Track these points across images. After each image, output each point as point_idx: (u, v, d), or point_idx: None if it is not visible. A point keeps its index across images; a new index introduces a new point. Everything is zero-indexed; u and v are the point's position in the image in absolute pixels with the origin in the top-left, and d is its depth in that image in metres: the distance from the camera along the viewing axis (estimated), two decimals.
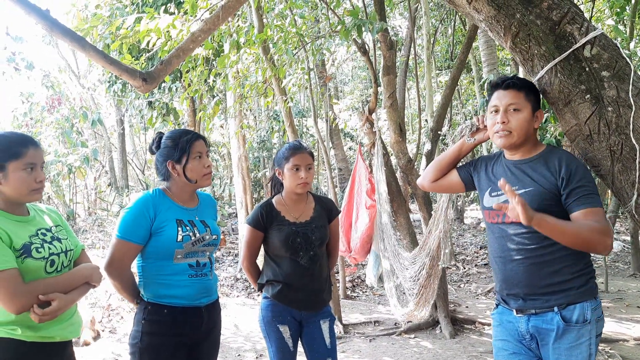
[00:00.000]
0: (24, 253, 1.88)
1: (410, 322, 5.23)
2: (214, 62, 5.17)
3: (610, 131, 2.11)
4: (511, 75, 2.30)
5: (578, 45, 2.14)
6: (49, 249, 1.96)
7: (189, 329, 2.29)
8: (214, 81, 5.43)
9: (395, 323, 5.59)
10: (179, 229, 2.27)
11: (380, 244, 5.06)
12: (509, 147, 2.17)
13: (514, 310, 2.16)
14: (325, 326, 2.73)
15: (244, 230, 2.80)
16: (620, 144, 2.09)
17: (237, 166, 7.81)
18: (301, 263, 2.64)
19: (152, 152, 2.43)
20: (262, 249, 2.80)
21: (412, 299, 4.26)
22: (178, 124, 10.40)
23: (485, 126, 2.33)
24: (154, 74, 3.18)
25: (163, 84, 8.76)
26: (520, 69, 3.37)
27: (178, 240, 2.25)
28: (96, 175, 15.26)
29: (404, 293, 4.56)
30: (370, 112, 5.38)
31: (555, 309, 2.05)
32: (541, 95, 2.26)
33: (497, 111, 2.15)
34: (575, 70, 2.16)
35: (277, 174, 2.74)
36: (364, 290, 7.25)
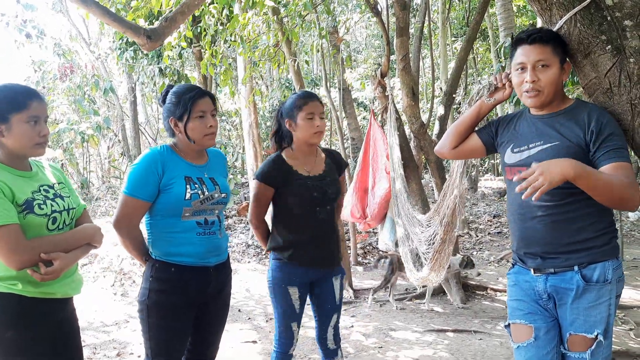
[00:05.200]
0: (26, 209, 1.84)
1: (425, 286, 5.21)
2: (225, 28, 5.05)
3: (631, 84, 1.99)
4: (536, 28, 2.15)
5: None
6: (52, 206, 1.92)
7: (196, 288, 2.25)
8: (224, 45, 5.31)
9: (406, 289, 5.58)
10: (188, 186, 2.21)
11: (395, 209, 5.01)
12: (540, 106, 2.06)
13: (532, 270, 2.07)
14: (337, 283, 2.68)
15: (252, 186, 2.70)
16: None
17: (248, 133, 7.75)
18: (319, 218, 2.56)
19: (161, 106, 2.38)
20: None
21: (427, 264, 4.21)
22: None
23: (504, 85, 2.22)
24: (158, 31, 3.11)
25: (174, 50, 8.66)
26: (538, 20, 3.23)
27: (186, 198, 2.19)
28: (109, 144, 15.29)
29: (418, 257, 4.51)
30: (383, 75, 5.27)
31: (576, 267, 1.96)
32: None
33: (523, 68, 2.01)
34: (596, 20, 2.04)
35: (287, 126, 2.59)
36: (375, 257, 7.23)
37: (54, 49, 12.82)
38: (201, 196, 2.23)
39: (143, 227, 2.30)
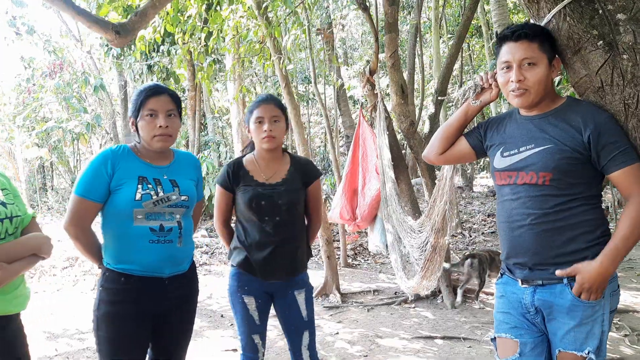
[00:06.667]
0: None
1: (418, 294, 5.06)
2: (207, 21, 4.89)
3: (624, 82, 1.85)
4: (521, 23, 2.01)
5: None
6: None
7: (150, 300, 2.11)
8: (206, 39, 5.14)
9: (396, 292, 5.43)
10: (139, 186, 2.08)
11: (385, 212, 4.87)
12: (527, 106, 1.93)
13: (519, 281, 1.96)
14: (300, 297, 2.51)
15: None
16: (635, 97, 1.84)
17: (237, 132, 7.61)
18: (266, 229, 2.42)
19: None
20: None
21: (418, 273, 4.06)
22: (180, 89, 10.18)
23: (491, 85, 2.09)
24: (127, 26, 2.96)
25: (162, 47, 8.50)
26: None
27: (136, 198, 2.06)
28: (101, 142, 15.14)
29: (409, 262, 4.36)
30: (372, 73, 5.12)
31: (565, 280, 1.84)
32: None
33: (509, 67, 1.89)
34: (587, 13, 1.89)
35: (247, 132, 2.53)
36: (365, 259, 7.09)
37: (44, 46, 12.66)
38: (154, 197, 2.09)
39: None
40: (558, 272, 1.83)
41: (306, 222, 2.64)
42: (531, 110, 1.96)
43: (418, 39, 7.59)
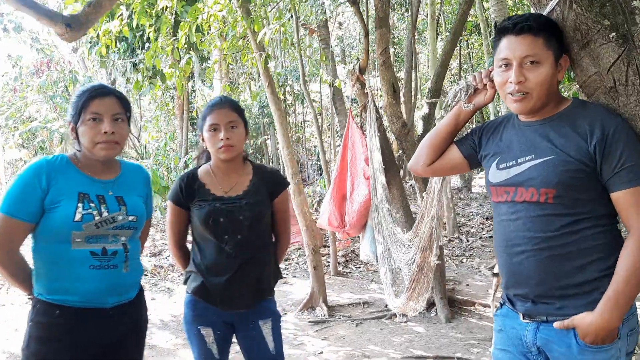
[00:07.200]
0: None
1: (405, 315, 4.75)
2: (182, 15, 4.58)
3: None
4: (524, 14, 1.69)
5: None
6: None
7: (90, 335, 1.82)
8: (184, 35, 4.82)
9: (386, 305, 5.10)
10: (79, 205, 1.80)
11: (375, 219, 4.56)
12: (527, 113, 1.64)
13: (521, 315, 1.67)
14: (266, 327, 2.20)
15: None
16: None
17: None
18: (225, 249, 2.11)
19: None
20: None
21: (404, 293, 3.74)
22: (167, 88, 9.87)
23: (485, 86, 1.80)
24: (80, 19, 2.66)
25: (147, 44, 8.17)
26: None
27: (76, 219, 1.77)
28: None
29: (400, 270, 4.04)
30: (362, 71, 4.82)
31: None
32: None
33: (508, 65, 1.60)
34: (597, 1, 1.60)
35: (201, 141, 2.23)
36: (357, 266, 6.78)
37: (32, 44, 12.37)
38: (96, 218, 1.81)
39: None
40: (556, 325, 1.55)
41: (273, 238, 2.34)
42: (532, 116, 1.66)
43: (421, 37, 7.29)
